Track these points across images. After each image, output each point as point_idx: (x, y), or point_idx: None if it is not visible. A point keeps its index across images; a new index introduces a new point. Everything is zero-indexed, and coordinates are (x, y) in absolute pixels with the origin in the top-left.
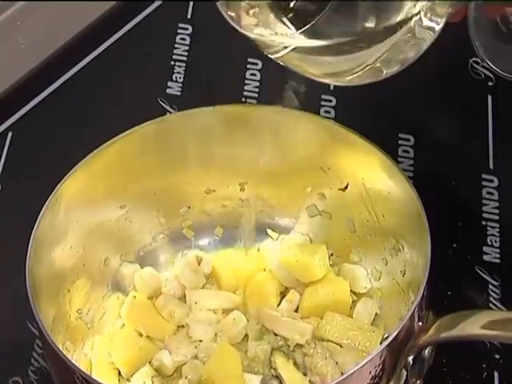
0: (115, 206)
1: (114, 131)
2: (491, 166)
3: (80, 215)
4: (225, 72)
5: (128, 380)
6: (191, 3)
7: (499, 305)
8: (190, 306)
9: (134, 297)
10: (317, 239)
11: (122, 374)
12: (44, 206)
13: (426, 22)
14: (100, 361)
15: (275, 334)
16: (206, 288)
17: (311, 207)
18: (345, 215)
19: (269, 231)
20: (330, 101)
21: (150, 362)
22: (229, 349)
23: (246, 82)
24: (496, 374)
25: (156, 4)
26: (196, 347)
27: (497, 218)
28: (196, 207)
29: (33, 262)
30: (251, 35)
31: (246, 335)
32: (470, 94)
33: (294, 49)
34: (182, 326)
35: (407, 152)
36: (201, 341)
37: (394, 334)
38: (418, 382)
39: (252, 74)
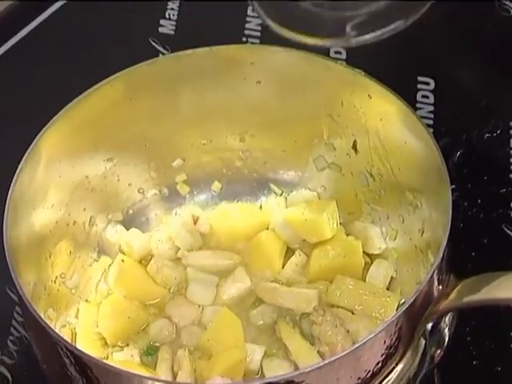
0: (101, 159)
1: (100, 75)
2: None
3: (62, 170)
4: (223, 8)
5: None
6: None
7: None
8: (186, 269)
9: (123, 260)
10: (326, 195)
11: (109, 344)
12: (22, 161)
13: None
14: (85, 330)
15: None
16: (204, 249)
17: (319, 159)
18: (357, 168)
19: (272, 186)
20: None
21: (141, 331)
22: (229, 316)
23: (247, 19)
24: None
25: None
26: (195, 313)
27: None
28: (191, 160)
29: (11, 222)
30: None
31: (249, 301)
32: (497, 32)
33: None
34: (179, 291)
35: (427, 97)
36: (200, 306)
37: (412, 300)
38: (438, 351)
39: (254, 10)
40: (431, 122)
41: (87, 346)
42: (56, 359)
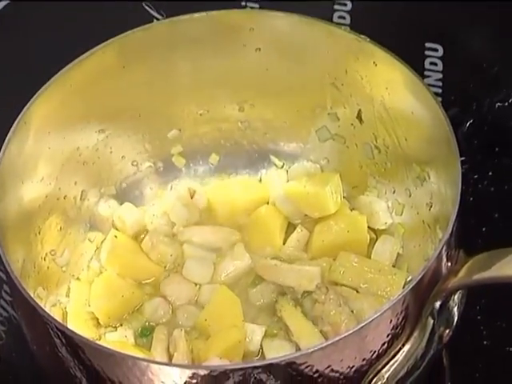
0: (93, 130)
1: (92, 42)
2: None
3: (52, 141)
4: None
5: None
6: None
7: None
8: (183, 246)
9: (116, 236)
10: (329, 167)
11: (101, 325)
12: (10, 132)
13: None
14: (77, 310)
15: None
16: (201, 225)
17: (322, 130)
18: (361, 139)
19: (272, 158)
20: (345, 4)
21: (135, 311)
22: (228, 295)
23: None
24: None
25: None
26: (192, 292)
27: None
28: (187, 131)
29: None
30: None
31: (248, 279)
32: None
33: None
34: (175, 269)
35: (435, 64)
36: (197, 284)
37: (419, 277)
38: (447, 331)
39: None
40: (440, 91)
41: (79, 326)
42: (46, 340)
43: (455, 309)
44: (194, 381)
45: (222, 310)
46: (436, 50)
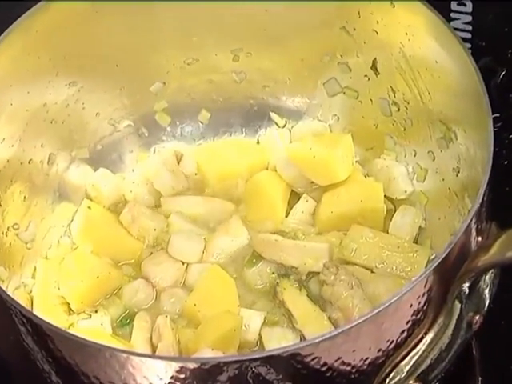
0: (62, 84)
1: None
2: None
3: (14, 96)
4: None
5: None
6: None
7: None
8: (168, 219)
9: (89, 207)
10: (339, 126)
11: (73, 311)
12: None
13: None
14: (45, 293)
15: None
16: (189, 195)
17: (331, 82)
18: (377, 93)
19: (273, 116)
20: None
21: (112, 295)
22: (221, 275)
23: None
24: None
25: None
26: (179, 272)
27: None
28: (173, 84)
29: None
30: None
31: (245, 257)
32: None
33: None
34: (159, 246)
35: (463, 5)
36: (184, 263)
37: (445, 254)
38: (477, 317)
39: None
40: (468, 36)
41: (47, 312)
42: (9, 328)
43: (486, 291)
44: (182, 375)
45: (213, 293)
46: None
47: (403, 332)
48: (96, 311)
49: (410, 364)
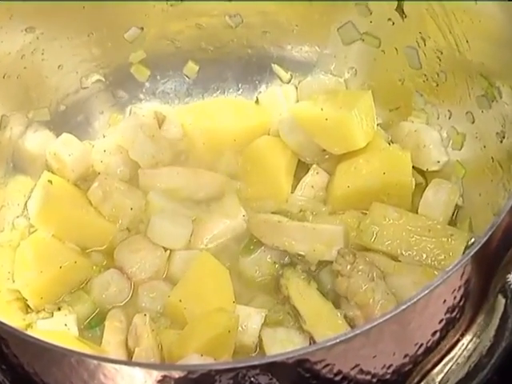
0: (18, 29)
1: None
2: None
3: None
4: None
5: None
6: None
7: None
8: (148, 196)
9: (50, 181)
10: (357, 82)
11: (32, 308)
12: None
13: None
14: None
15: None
16: (172, 166)
17: (347, 27)
18: (403, 41)
19: (275, 68)
20: None
21: (79, 289)
22: (212, 265)
23: None
24: None
25: None
26: (160, 261)
27: None
28: (152, 29)
29: None
30: None
31: (241, 243)
32: None
33: None
34: (136, 229)
35: None
36: (167, 250)
37: (485, 238)
38: None
39: None
40: None
41: (0, 309)
42: None
43: None
44: None
45: (203, 286)
46: None
47: (435, 333)
48: (59, 309)
49: (442, 373)
